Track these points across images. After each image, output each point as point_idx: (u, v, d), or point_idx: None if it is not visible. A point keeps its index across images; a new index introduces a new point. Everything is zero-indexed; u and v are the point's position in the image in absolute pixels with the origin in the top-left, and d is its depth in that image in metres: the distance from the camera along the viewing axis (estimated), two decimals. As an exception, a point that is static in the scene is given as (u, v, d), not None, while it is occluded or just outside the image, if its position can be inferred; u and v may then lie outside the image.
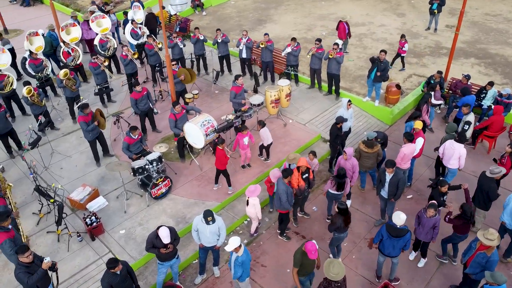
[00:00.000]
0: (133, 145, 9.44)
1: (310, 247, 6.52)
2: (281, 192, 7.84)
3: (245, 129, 9.43)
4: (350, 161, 8.81)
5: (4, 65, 11.77)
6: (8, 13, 19.72)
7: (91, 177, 10.03)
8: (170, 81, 10.30)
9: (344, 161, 8.84)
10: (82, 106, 9.57)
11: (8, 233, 6.73)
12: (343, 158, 8.83)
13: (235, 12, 19.65)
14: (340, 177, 8.23)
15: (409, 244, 7.21)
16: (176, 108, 9.66)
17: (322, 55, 12.46)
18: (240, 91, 10.72)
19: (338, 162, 9.00)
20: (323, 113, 12.41)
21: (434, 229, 7.52)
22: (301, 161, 8.36)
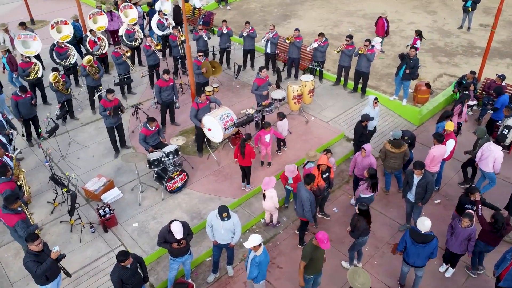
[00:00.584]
0: (150, 137, 9.21)
1: (322, 236, 6.16)
2: (305, 200, 7.38)
3: (268, 126, 9.06)
4: (368, 159, 8.35)
5: (32, 52, 11.80)
6: (35, 5, 19.92)
7: (107, 168, 9.87)
8: (190, 73, 10.03)
9: (362, 159, 8.38)
10: (108, 90, 9.44)
11: (19, 215, 6.61)
12: (361, 155, 8.37)
13: (260, 7, 19.30)
14: (373, 177, 7.76)
15: (436, 251, 6.68)
16: (201, 97, 9.38)
17: (352, 52, 11.97)
18: (263, 84, 10.37)
19: (354, 159, 8.56)
20: (347, 111, 11.93)
21: (470, 241, 6.98)
22: (321, 159, 7.96)
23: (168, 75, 10.27)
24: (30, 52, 11.70)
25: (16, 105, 9.86)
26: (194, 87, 10.09)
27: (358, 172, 8.57)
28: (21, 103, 9.84)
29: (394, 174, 9.13)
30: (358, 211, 6.98)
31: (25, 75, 11.26)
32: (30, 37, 11.80)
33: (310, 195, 7.40)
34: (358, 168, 8.47)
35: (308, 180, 7.36)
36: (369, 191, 7.85)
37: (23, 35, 11.74)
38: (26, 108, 9.99)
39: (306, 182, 7.37)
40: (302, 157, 10.13)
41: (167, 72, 10.29)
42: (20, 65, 11.23)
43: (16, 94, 9.81)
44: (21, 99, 9.85)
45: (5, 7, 20.15)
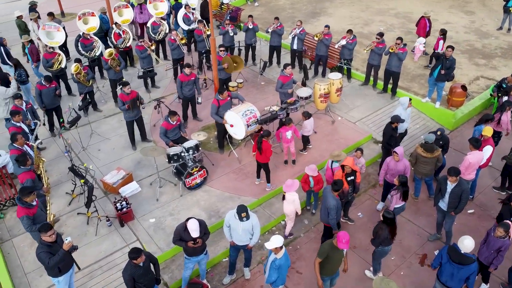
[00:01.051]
0: (171, 131, 8.99)
1: (342, 235, 5.84)
2: (331, 207, 6.95)
3: (289, 122, 8.70)
4: (401, 162, 7.86)
5: (56, 43, 11.82)
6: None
7: (127, 161, 9.72)
8: (214, 69, 9.76)
9: (395, 163, 7.89)
10: (123, 83, 9.27)
11: (28, 210, 6.46)
12: (393, 159, 7.87)
13: (288, 4, 18.90)
14: (404, 185, 7.26)
15: (474, 279, 6.01)
16: (222, 94, 9.10)
17: (382, 51, 11.45)
18: (287, 81, 10.00)
19: (386, 165, 8.06)
20: (375, 112, 11.41)
21: (498, 254, 6.41)
22: (346, 161, 7.52)
23: (190, 69, 10.04)
24: (54, 42, 11.72)
25: (40, 94, 9.85)
26: (217, 82, 9.80)
27: (391, 178, 8.07)
28: (45, 92, 9.81)
29: (425, 180, 8.60)
30: (383, 218, 6.54)
31: (49, 66, 11.26)
32: (54, 28, 11.82)
33: (337, 202, 6.99)
34: (392, 174, 7.96)
35: (336, 187, 6.93)
36: (401, 200, 7.36)
37: (47, 25, 11.77)
38: (50, 98, 9.96)
39: (333, 189, 6.95)
40: (327, 157, 9.69)
41: (189, 66, 10.05)
42: (44, 55, 11.25)
43: (41, 83, 9.80)
44: (45, 89, 9.83)
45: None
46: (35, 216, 6.52)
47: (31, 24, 13.26)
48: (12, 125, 8.44)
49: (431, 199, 8.83)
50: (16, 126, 8.46)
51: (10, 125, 8.50)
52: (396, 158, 7.84)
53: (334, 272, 6.39)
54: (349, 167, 7.46)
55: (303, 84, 12.23)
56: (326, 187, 7.28)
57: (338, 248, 5.99)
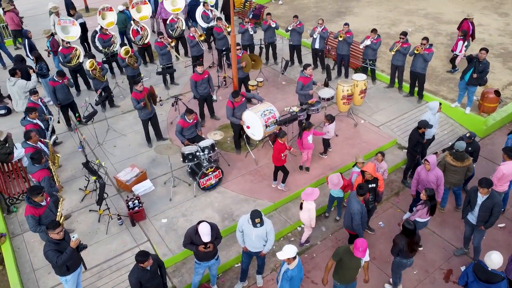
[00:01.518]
0: (187, 129, 8.75)
1: (360, 243, 5.53)
2: (355, 212, 6.59)
3: (310, 126, 8.29)
4: (433, 172, 7.37)
5: (72, 38, 11.75)
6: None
7: (142, 158, 9.54)
8: (233, 67, 9.45)
9: (426, 173, 7.40)
10: (135, 81, 9.09)
11: (35, 209, 6.28)
12: (425, 169, 7.39)
13: (313, 2, 18.46)
14: (432, 199, 6.78)
15: None
16: (235, 99, 8.79)
17: (407, 51, 10.93)
18: (308, 83, 9.60)
19: (417, 174, 7.55)
20: (401, 116, 10.89)
21: None
22: (368, 167, 7.09)
23: (202, 67, 9.75)
24: (70, 37, 11.64)
25: (54, 91, 9.73)
26: (236, 81, 9.49)
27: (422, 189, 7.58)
28: (59, 88, 9.68)
29: (453, 190, 8.07)
30: (402, 228, 6.14)
31: (67, 61, 11.20)
32: (69, 22, 11.75)
33: (362, 207, 6.61)
34: (424, 185, 7.47)
35: (361, 192, 6.55)
36: (427, 215, 6.88)
37: (63, 20, 11.71)
38: (64, 94, 9.83)
39: (359, 194, 6.58)
40: (348, 162, 9.28)
41: (201, 64, 9.77)
42: (61, 50, 11.18)
43: (53, 79, 9.67)
44: (58, 85, 9.69)
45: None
46: (41, 216, 6.34)
47: (52, 17, 13.28)
48: (29, 122, 8.32)
49: (458, 210, 8.30)
50: (33, 123, 8.36)
51: (26, 123, 8.35)
52: (427, 167, 7.35)
53: (350, 280, 6.07)
54: (370, 174, 7.03)
55: (325, 85, 11.81)
56: (351, 193, 6.90)
57: (353, 255, 5.64)
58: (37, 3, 19.75)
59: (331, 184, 7.49)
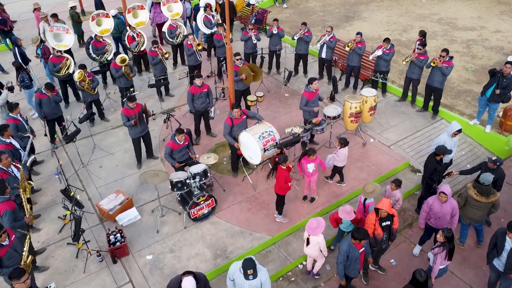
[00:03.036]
0: (177, 152, 7.92)
1: None
2: (340, 251, 5.84)
3: (312, 153, 7.37)
4: (448, 204, 6.51)
5: (65, 46, 10.96)
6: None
7: (129, 181, 8.72)
8: (230, 81, 8.57)
9: (440, 205, 6.53)
10: (129, 98, 8.26)
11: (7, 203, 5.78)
12: (439, 200, 6.51)
13: (320, 6, 17.53)
14: (450, 241, 5.89)
15: None
16: (234, 112, 7.95)
17: (424, 63, 10.00)
18: (313, 98, 8.72)
19: (427, 206, 6.70)
20: (414, 134, 9.96)
21: None
22: (383, 203, 6.22)
23: (201, 79, 8.93)
24: (62, 45, 10.85)
25: (40, 104, 8.99)
26: (233, 96, 8.63)
27: (435, 223, 6.71)
28: (45, 102, 8.95)
29: (474, 225, 7.16)
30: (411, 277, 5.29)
31: (56, 71, 10.43)
32: (63, 30, 10.96)
33: (351, 250, 5.76)
34: (437, 218, 6.60)
35: (358, 236, 5.68)
36: (446, 260, 5.99)
37: (56, 27, 10.92)
38: (50, 108, 9.10)
39: (354, 237, 5.72)
40: (356, 188, 8.40)
41: (199, 76, 8.94)
42: (51, 59, 10.41)
43: (41, 91, 8.92)
44: (45, 98, 8.96)
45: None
46: (2, 258, 5.54)
47: (41, 24, 12.52)
48: (1, 142, 7.54)
49: (480, 246, 7.39)
50: (6, 143, 7.57)
51: None
52: (443, 199, 6.47)
53: None
54: (386, 212, 6.15)
55: (331, 98, 10.93)
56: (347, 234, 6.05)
57: None
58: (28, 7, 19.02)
59: (344, 213, 6.59)
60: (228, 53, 8.14)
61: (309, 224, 6.24)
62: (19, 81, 10.11)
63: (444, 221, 6.69)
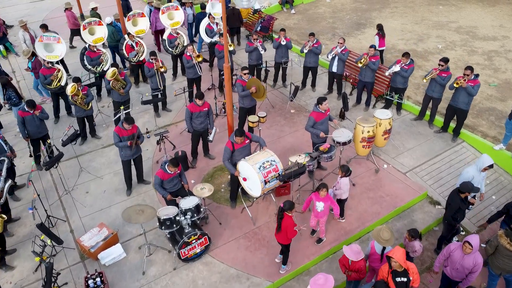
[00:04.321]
0: (168, 182, 7.10)
1: None
2: None
3: (322, 188, 6.47)
4: (472, 256, 5.60)
5: (56, 57, 10.20)
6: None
7: (116, 210, 7.91)
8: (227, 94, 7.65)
9: (462, 255, 5.64)
10: (126, 119, 7.46)
11: None
12: (462, 250, 5.61)
13: (330, 12, 16.60)
14: None
15: None
16: (237, 139, 7.08)
17: (446, 81, 9.08)
18: (321, 119, 7.82)
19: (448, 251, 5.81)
20: (432, 159, 9.02)
21: None
22: (395, 252, 5.33)
23: (202, 100, 8.10)
24: (53, 56, 10.11)
25: (23, 122, 8.24)
26: (231, 118, 7.76)
27: (452, 273, 5.82)
28: (29, 120, 8.21)
29: (504, 276, 6.23)
30: None
31: (47, 83, 9.70)
32: (54, 40, 10.21)
33: None
34: (455, 269, 5.71)
35: None
36: None
37: (46, 36, 10.16)
38: (34, 126, 8.36)
39: None
40: (368, 223, 7.50)
41: (200, 96, 8.10)
42: (41, 71, 9.68)
43: (23, 109, 8.17)
44: (28, 116, 8.22)
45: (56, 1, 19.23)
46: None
47: (21, 33, 11.77)
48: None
49: (510, 298, 6.45)
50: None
51: None
52: (467, 250, 5.57)
53: None
54: (399, 264, 5.26)
55: (341, 116, 10.08)
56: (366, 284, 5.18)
57: None
58: (34, 10, 18.38)
59: (351, 253, 5.70)
60: (226, 72, 7.26)
61: (315, 279, 5.35)
62: (5, 100, 9.39)
63: (462, 274, 5.80)
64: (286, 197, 7.96)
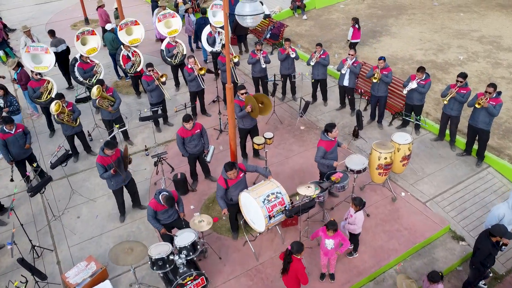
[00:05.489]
0: (162, 213, 6.44)
1: None
2: None
3: (333, 226, 5.75)
4: None
5: (45, 68, 9.60)
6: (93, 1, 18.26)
7: (108, 240, 7.28)
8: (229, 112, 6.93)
9: None
10: (106, 144, 6.82)
11: None
12: None
13: (343, 18, 15.80)
14: None
15: None
16: (229, 174, 6.36)
17: (466, 98, 8.30)
18: (332, 148, 7.06)
19: None
20: (455, 187, 8.21)
21: None
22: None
23: (191, 123, 7.38)
24: (42, 67, 9.51)
25: (5, 145, 7.64)
26: (234, 143, 7.05)
27: None
28: (11, 141, 7.61)
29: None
30: None
31: (36, 97, 9.12)
32: (42, 50, 9.61)
33: None
34: None
35: None
36: None
37: (33, 47, 9.56)
38: (18, 147, 7.76)
39: None
40: (384, 263, 6.74)
41: (187, 119, 7.35)
42: (29, 84, 9.12)
43: (3, 130, 7.56)
44: (10, 137, 7.62)
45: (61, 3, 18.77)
46: None
47: (23, 39, 11.24)
48: None
49: None
50: None
51: None
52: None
53: None
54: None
55: (354, 135, 9.33)
56: None
57: None
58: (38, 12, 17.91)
59: None
60: (228, 93, 6.55)
61: None
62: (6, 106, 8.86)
63: None
64: (293, 229, 7.25)
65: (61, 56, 11.25)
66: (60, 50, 11.11)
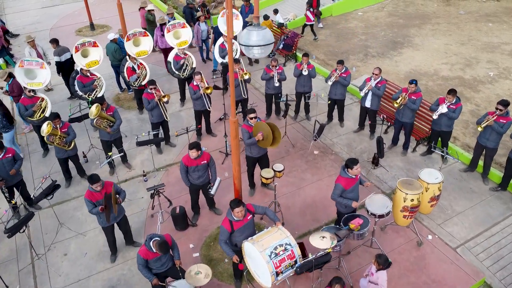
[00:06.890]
0: (154, 261, 5.63)
1: None
2: None
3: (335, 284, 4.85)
4: None
5: (39, 84, 8.86)
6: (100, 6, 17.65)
7: (96, 283, 6.50)
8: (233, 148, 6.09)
9: None
10: (89, 178, 6.06)
11: None
12: None
13: (362, 27, 14.83)
14: None
15: None
16: (235, 213, 5.53)
17: (506, 128, 7.32)
18: (352, 186, 6.15)
19: None
20: (489, 230, 7.23)
21: None
22: None
23: (195, 152, 6.56)
24: (36, 84, 8.76)
25: None
26: (239, 182, 6.18)
27: None
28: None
29: None
30: None
31: (28, 115, 8.42)
32: (36, 65, 8.87)
33: None
34: None
35: None
36: None
37: (27, 61, 8.83)
38: (4, 173, 7.08)
39: None
40: (407, 324, 5.82)
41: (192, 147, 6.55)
42: (21, 101, 8.43)
43: None
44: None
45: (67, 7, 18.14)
46: None
47: (27, 50, 10.59)
48: None
49: None
50: None
51: None
52: None
53: None
54: None
55: (374, 163, 8.42)
56: None
57: None
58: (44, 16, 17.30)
59: None
60: (232, 127, 5.68)
61: None
62: None
63: None
64: (304, 277, 6.38)
65: (65, 65, 10.59)
66: (64, 59, 10.46)
